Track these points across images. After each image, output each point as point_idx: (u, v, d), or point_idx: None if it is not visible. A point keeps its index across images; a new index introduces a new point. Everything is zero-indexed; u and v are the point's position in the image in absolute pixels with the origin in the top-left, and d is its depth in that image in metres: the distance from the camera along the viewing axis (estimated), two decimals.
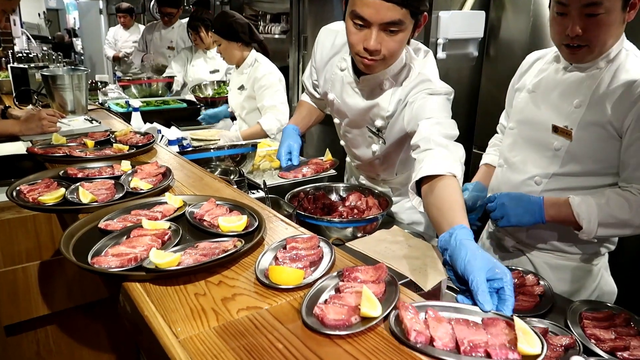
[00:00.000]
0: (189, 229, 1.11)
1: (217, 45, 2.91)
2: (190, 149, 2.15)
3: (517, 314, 1.23)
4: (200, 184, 1.43)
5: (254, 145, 2.06)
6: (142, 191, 1.29)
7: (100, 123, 2.22)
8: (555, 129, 1.41)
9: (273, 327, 0.78)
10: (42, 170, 1.47)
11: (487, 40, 3.00)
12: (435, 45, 2.89)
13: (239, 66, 2.97)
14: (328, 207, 1.72)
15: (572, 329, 1.17)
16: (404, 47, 1.45)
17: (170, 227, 1.08)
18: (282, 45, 4.21)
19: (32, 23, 9.68)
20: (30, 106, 2.66)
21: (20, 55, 3.53)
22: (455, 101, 1.78)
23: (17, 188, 1.29)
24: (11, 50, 3.92)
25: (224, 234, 1.06)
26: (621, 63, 1.34)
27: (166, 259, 0.90)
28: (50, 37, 9.96)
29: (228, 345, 0.73)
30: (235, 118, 3.17)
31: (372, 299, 0.79)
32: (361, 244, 1.35)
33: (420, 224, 1.90)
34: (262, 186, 1.75)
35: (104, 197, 1.24)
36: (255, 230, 1.08)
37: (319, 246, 1.02)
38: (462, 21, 2.89)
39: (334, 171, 2.04)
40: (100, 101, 3.48)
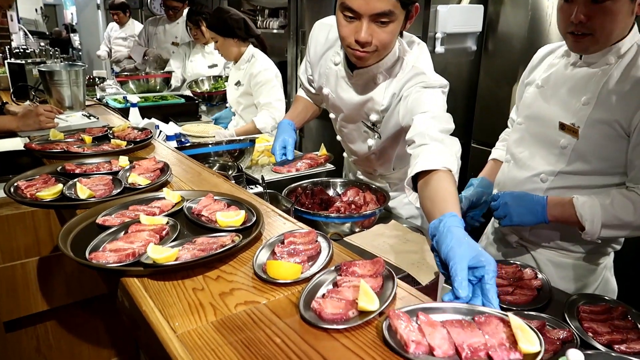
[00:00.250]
0: (187, 224, 1.11)
1: (214, 41, 2.91)
2: (188, 144, 2.15)
3: (515, 308, 1.24)
4: (198, 179, 1.43)
5: (252, 141, 2.05)
6: (140, 187, 1.29)
7: (98, 119, 2.21)
8: (562, 127, 1.38)
9: (271, 322, 0.78)
10: (40, 166, 1.47)
11: (486, 35, 3.00)
12: (434, 39, 2.88)
13: (236, 62, 2.96)
14: (326, 202, 1.72)
15: (569, 322, 1.17)
16: (396, 38, 1.44)
17: (168, 223, 1.08)
18: (280, 40, 4.20)
19: (29, 19, 9.64)
20: (27, 102, 2.65)
21: (18, 51, 3.51)
22: (454, 96, 1.77)
23: (15, 184, 1.29)
24: (8, 46, 3.89)
25: (222, 229, 1.06)
26: (632, 59, 1.29)
27: (164, 254, 0.90)
28: (47, 33, 9.93)
29: (226, 340, 0.73)
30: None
31: (370, 293, 0.79)
32: (359, 239, 1.35)
33: (418, 218, 1.90)
34: (260, 181, 1.74)
35: (101, 192, 1.24)
36: (253, 225, 1.08)
37: (316, 241, 1.02)
38: (461, 15, 2.88)
39: (332, 166, 2.04)
40: (98, 97, 3.47)
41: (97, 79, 3.88)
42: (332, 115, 1.79)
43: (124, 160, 1.46)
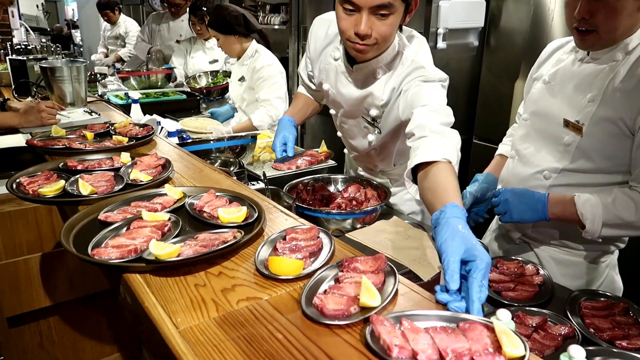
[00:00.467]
0: (189, 220, 1.11)
1: (216, 39, 2.91)
2: (189, 140, 2.15)
3: (517, 304, 1.24)
4: (199, 176, 1.43)
5: (254, 137, 2.05)
6: (141, 183, 1.29)
7: (99, 115, 2.22)
8: (567, 124, 1.37)
9: (273, 318, 0.78)
10: (42, 163, 1.47)
11: (488, 30, 2.99)
12: (436, 35, 2.87)
13: (239, 58, 2.96)
14: (327, 198, 1.72)
15: (571, 318, 1.17)
16: (396, 32, 1.44)
17: (170, 219, 1.08)
18: (281, 36, 4.18)
19: (30, 15, 9.63)
20: (29, 98, 2.65)
21: (19, 47, 3.51)
22: (455, 92, 1.76)
23: (17, 180, 1.30)
24: (10, 42, 3.90)
25: (223, 225, 1.06)
26: None
27: (166, 250, 0.90)
28: (48, 29, 9.92)
29: (228, 336, 0.74)
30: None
31: (372, 289, 0.79)
32: (361, 235, 1.35)
33: (419, 214, 1.90)
34: (262, 177, 1.75)
35: (103, 189, 1.24)
36: (255, 221, 1.08)
37: (318, 237, 1.02)
38: (463, 10, 2.87)
39: (334, 162, 2.04)
40: (99, 93, 3.48)
41: (98, 75, 3.89)
42: (332, 111, 1.78)
43: (125, 157, 1.46)
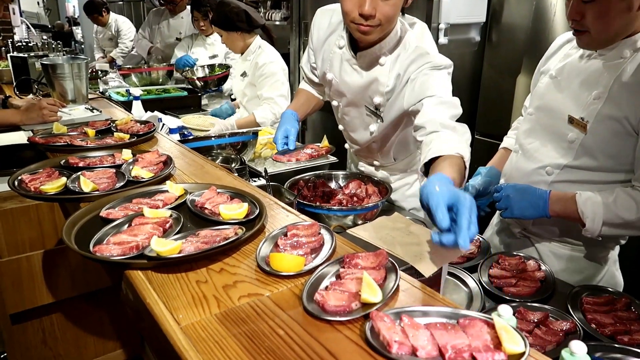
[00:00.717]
0: (190, 217, 1.11)
1: (220, 36, 2.91)
2: (191, 137, 2.15)
3: (518, 299, 1.24)
4: (201, 172, 1.43)
5: (255, 133, 2.05)
6: (143, 180, 1.29)
7: (101, 112, 2.22)
8: (571, 120, 1.36)
9: (274, 314, 0.78)
10: (44, 160, 1.47)
11: (489, 25, 2.97)
12: (437, 30, 2.86)
13: (243, 53, 2.96)
14: (328, 194, 1.72)
15: (572, 313, 1.17)
16: (398, 14, 1.44)
17: (171, 215, 1.08)
18: (282, 31, 4.18)
19: (31, 12, 9.63)
20: (30, 95, 2.65)
21: (20, 44, 3.51)
22: (457, 87, 1.76)
23: (19, 177, 1.30)
24: (11, 40, 3.90)
25: (225, 221, 1.06)
26: None
27: (167, 247, 0.90)
28: (49, 26, 9.92)
29: (229, 332, 0.74)
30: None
31: (373, 285, 0.80)
32: (362, 231, 1.35)
33: (421, 210, 1.90)
34: (263, 174, 1.75)
35: (105, 186, 1.25)
36: (256, 217, 1.08)
37: (319, 233, 1.02)
38: (464, 6, 2.86)
39: (335, 158, 2.04)
40: (100, 90, 3.48)
41: (99, 72, 3.88)
42: (334, 103, 1.78)
43: (127, 154, 1.46)
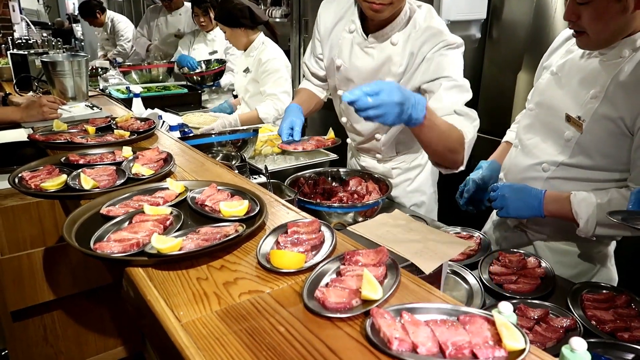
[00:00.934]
0: (191, 214, 1.11)
1: (224, 32, 2.92)
2: (191, 134, 2.15)
3: (519, 296, 1.24)
4: (201, 170, 1.43)
5: (256, 131, 2.05)
6: (143, 177, 1.29)
7: (101, 109, 2.21)
8: (568, 119, 1.37)
9: (275, 311, 0.78)
10: (44, 157, 1.47)
11: (490, 22, 2.97)
12: None
13: (246, 49, 2.97)
14: (328, 192, 1.72)
15: (573, 310, 1.17)
16: None
17: (172, 213, 1.08)
18: (283, 28, 4.17)
19: (31, 9, 9.61)
20: (30, 93, 2.65)
21: (20, 41, 3.51)
22: None
23: (19, 175, 1.30)
24: (11, 37, 3.89)
25: (225, 218, 1.06)
26: None
27: (168, 244, 0.90)
28: (49, 23, 9.90)
29: (230, 329, 0.74)
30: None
31: (373, 282, 0.80)
32: (362, 228, 1.35)
33: (422, 206, 1.90)
34: (264, 171, 1.75)
35: (105, 183, 1.25)
36: (256, 214, 1.08)
37: (320, 230, 1.02)
38: (465, 2, 2.85)
39: (335, 155, 2.04)
40: (100, 87, 3.48)
41: (99, 70, 3.88)
42: (339, 92, 1.79)
43: (127, 151, 1.46)
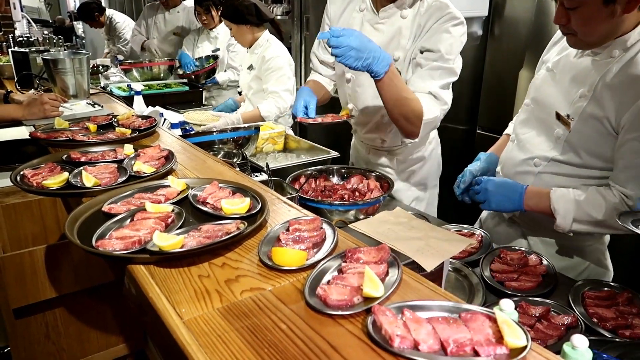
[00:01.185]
0: (192, 211, 1.11)
1: (229, 29, 2.93)
2: (192, 132, 2.15)
3: (520, 294, 1.24)
4: (203, 167, 1.43)
5: (257, 128, 2.05)
6: (145, 174, 1.29)
7: (102, 107, 2.22)
8: (558, 116, 1.39)
9: (276, 308, 0.78)
10: (45, 155, 1.47)
11: (492, 19, 2.96)
12: None
13: (251, 46, 2.97)
14: (329, 189, 1.72)
15: (574, 308, 1.17)
16: None
17: (173, 210, 1.08)
18: (284, 26, 4.15)
19: (32, 7, 9.60)
20: (32, 90, 2.66)
21: (21, 39, 3.51)
22: (459, 81, 1.76)
23: (21, 172, 1.30)
24: (12, 35, 3.89)
25: (227, 216, 1.06)
26: (635, 55, 1.25)
27: (170, 242, 0.90)
28: (50, 21, 9.89)
29: (232, 326, 0.74)
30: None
31: (375, 279, 0.80)
32: (364, 226, 1.35)
33: (423, 200, 1.91)
34: (265, 169, 1.75)
35: (107, 180, 1.25)
36: (258, 212, 1.08)
37: (321, 228, 1.02)
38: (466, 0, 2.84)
39: (337, 153, 2.04)
40: (102, 85, 3.48)
41: (101, 67, 3.88)
42: (348, 76, 1.82)
43: (128, 149, 1.46)
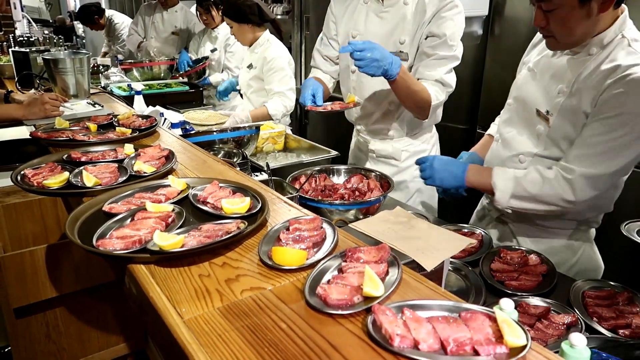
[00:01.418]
0: (193, 211, 1.11)
1: (230, 27, 2.94)
2: (193, 132, 2.15)
3: (520, 293, 1.24)
4: (203, 167, 1.43)
5: (257, 128, 2.05)
6: (145, 174, 1.29)
7: (102, 107, 2.22)
8: (538, 113, 1.44)
9: (276, 307, 0.78)
10: (46, 155, 1.47)
11: (492, 19, 2.96)
12: None
13: (251, 45, 2.98)
14: (329, 189, 1.72)
15: (574, 307, 1.18)
16: None
17: (174, 210, 1.08)
18: (284, 25, 4.16)
19: (32, 7, 9.59)
20: (32, 90, 2.66)
21: (22, 39, 3.52)
22: (459, 81, 1.77)
23: (22, 172, 1.30)
24: (12, 35, 3.90)
25: (227, 216, 1.06)
26: (611, 52, 1.29)
27: (170, 241, 0.90)
28: (51, 21, 9.88)
29: (232, 325, 0.74)
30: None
31: (375, 279, 0.80)
32: (364, 225, 1.35)
33: (424, 193, 1.92)
34: (265, 168, 1.75)
35: (107, 180, 1.25)
36: (258, 212, 1.08)
37: (321, 227, 1.02)
38: None
39: (337, 152, 2.04)
40: (102, 85, 3.48)
41: (101, 67, 3.88)
42: (353, 68, 1.84)
43: (129, 148, 1.47)
